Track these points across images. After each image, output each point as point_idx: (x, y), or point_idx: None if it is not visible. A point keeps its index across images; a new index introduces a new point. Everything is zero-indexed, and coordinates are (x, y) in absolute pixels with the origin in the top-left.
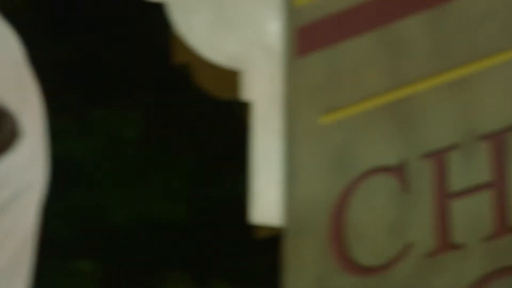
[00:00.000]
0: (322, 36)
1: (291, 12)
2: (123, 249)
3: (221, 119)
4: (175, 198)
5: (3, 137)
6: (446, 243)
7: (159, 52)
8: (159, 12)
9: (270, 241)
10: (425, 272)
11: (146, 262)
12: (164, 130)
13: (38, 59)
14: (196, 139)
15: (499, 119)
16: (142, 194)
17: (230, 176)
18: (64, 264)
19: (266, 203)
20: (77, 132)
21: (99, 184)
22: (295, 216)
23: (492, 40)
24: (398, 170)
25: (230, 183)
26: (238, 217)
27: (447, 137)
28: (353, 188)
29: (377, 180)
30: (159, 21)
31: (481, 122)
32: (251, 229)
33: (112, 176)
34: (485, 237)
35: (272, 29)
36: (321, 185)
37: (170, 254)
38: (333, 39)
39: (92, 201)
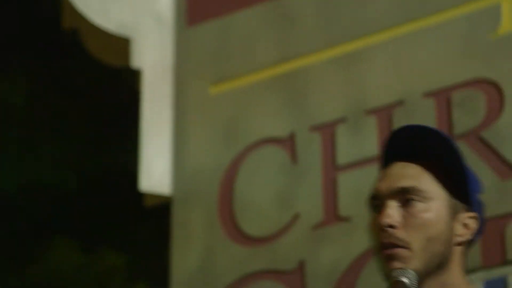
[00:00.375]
0: (213, 7)
1: None
2: (11, 216)
3: (112, 86)
4: (64, 165)
5: None
6: (333, 215)
7: (49, 18)
8: None
9: (160, 210)
10: (312, 243)
11: (35, 229)
12: (53, 96)
13: None
14: (85, 106)
15: (387, 94)
16: (31, 161)
17: (119, 144)
18: None
19: (156, 172)
20: None
21: None
22: (184, 185)
23: (381, 16)
24: (287, 142)
25: (119, 151)
26: (128, 185)
27: (335, 111)
28: (242, 158)
29: (267, 151)
30: None
31: (369, 97)
32: (140, 197)
33: None
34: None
35: None
36: (210, 155)
37: (58, 221)
38: (224, 10)
39: None
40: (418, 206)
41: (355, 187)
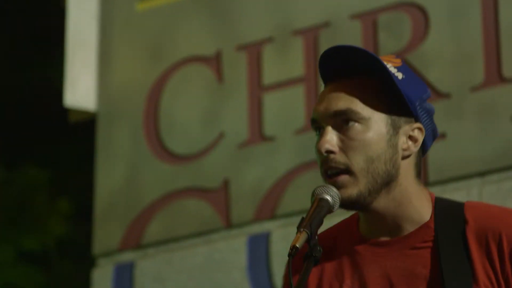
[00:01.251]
0: None
1: None
2: None
3: (37, 2)
4: None
5: None
6: (258, 134)
7: None
8: None
9: (84, 126)
10: (237, 161)
11: None
12: None
13: None
14: (9, 21)
15: (313, 15)
16: None
17: (45, 60)
18: None
19: (81, 88)
20: None
21: None
22: (110, 102)
23: None
24: (213, 61)
25: (45, 67)
26: (52, 101)
27: (262, 31)
28: (168, 76)
29: (193, 69)
30: None
31: (296, 17)
32: (65, 113)
33: None
34: (296, 130)
35: None
36: (136, 72)
37: None
38: None
39: None
40: (356, 127)
41: (280, 107)
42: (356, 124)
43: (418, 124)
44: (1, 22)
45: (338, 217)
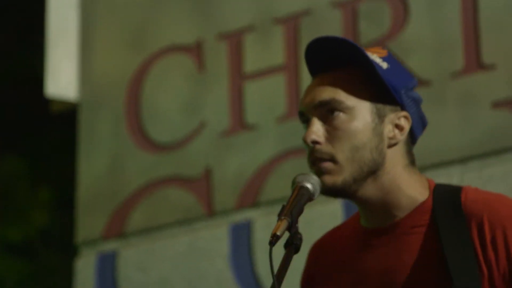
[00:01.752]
0: None
1: None
2: None
3: None
4: None
5: None
6: (239, 123)
7: None
8: None
9: (66, 116)
10: (219, 150)
11: None
12: None
13: None
14: None
15: (294, 3)
16: None
17: (26, 50)
18: None
19: (62, 77)
20: None
21: None
22: (91, 91)
23: None
24: (194, 50)
25: (25, 56)
26: (34, 91)
27: (243, 19)
28: (149, 65)
29: (174, 59)
30: None
31: (277, 5)
32: (46, 103)
33: None
34: (277, 118)
35: None
36: (117, 61)
37: None
38: None
39: None
40: (340, 117)
41: (261, 95)
42: (341, 114)
43: (404, 113)
44: None
45: (319, 205)
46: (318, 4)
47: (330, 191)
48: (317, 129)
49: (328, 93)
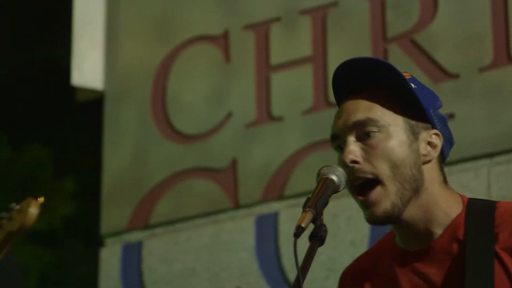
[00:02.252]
0: None
1: None
2: None
3: None
4: None
5: None
6: (265, 114)
7: None
8: None
9: (91, 105)
10: (245, 141)
11: None
12: None
13: None
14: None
15: None
16: None
17: (53, 39)
18: None
19: (88, 66)
20: None
21: None
22: (117, 81)
23: None
24: (221, 40)
25: (53, 46)
26: (60, 79)
27: (270, 10)
28: (175, 55)
29: (200, 49)
30: None
31: None
32: (72, 92)
33: None
34: (304, 111)
35: None
36: (144, 51)
37: None
38: None
39: None
40: (377, 136)
41: (288, 87)
42: (377, 133)
43: (435, 130)
44: (9, 0)
45: (345, 197)
46: None
47: (380, 220)
48: (354, 148)
49: (362, 113)
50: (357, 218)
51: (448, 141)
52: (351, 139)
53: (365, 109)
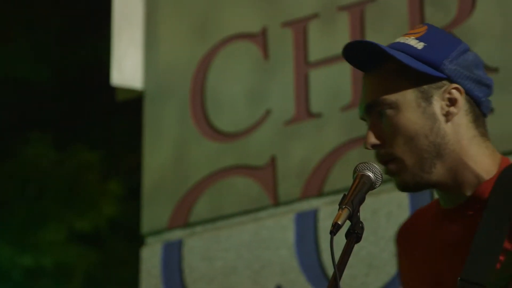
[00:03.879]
0: None
1: None
2: None
3: None
4: (38, 59)
5: None
6: (305, 111)
7: None
8: None
9: (132, 104)
10: (284, 139)
11: (9, 123)
12: None
13: None
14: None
15: None
16: (4, 55)
17: (92, 38)
18: None
19: (128, 66)
20: None
21: None
22: (156, 80)
23: None
24: (259, 38)
25: (93, 45)
26: (101, 79)
27: (308, 6)
28: (214, 53)
29: (239, 47)
30: None
31: None
32: (113, 92)
33: None
34: (342, 107)
35: None
36: (182, 50)
37: (32, 116)
38: None
39: None
40: (388, 114)
41: (326, 83)
42: (387, 111)
43: (453, 85)
44: (50, 1)
45: (385, 193)
46: None
47: (405, 190)
48: (372, 132)
49: (371, 95)
50: (397, 214)
51: (477, 84)
52: (370, 122)
53: (372, 91)
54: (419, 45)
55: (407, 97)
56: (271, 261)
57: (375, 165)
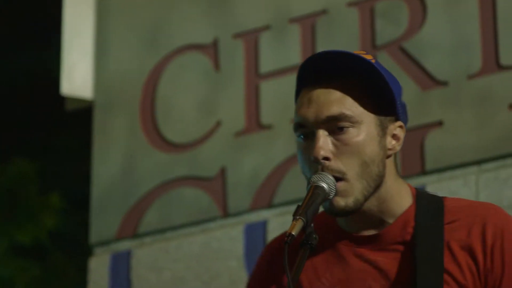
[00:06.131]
0: None
1: None
2: None
3: None
4: None
5: None
6: (255, 123)
7: None
8: None
9: (81, 114)
10: (234, 150)
11: None
12: None
13: None
14: (7, 9)
15: (310, 2)
16: None
17: (41, 47)
18: None
19: (78, 76)
20: None
21: None
22: (106, 90)
23: None
24: (210, 49)
25: (41, 54)
26: (49, 89)
27: (259, 18)
28: (165, 64)
29: (190, 58)
30: None
31: (293, 5)
32: (61, 102)
33: None
34: (293, 119)
35: None
36: (133, 60)
37: None
38: None
39: None
40: (350, 132)
41: (277, 95)
42: (350, 129)
43: (399, 123)
44: None
45: None
46: (334, 3)
47: (339, 214)
48: (326, 144)
49: (337, 106)
50: None
51: (405, 124)
52: (323, 133)
53: (338, 102)
54: (384, 76)
55: (370, 121)
56: (220, 272)
57: (330, 176)
